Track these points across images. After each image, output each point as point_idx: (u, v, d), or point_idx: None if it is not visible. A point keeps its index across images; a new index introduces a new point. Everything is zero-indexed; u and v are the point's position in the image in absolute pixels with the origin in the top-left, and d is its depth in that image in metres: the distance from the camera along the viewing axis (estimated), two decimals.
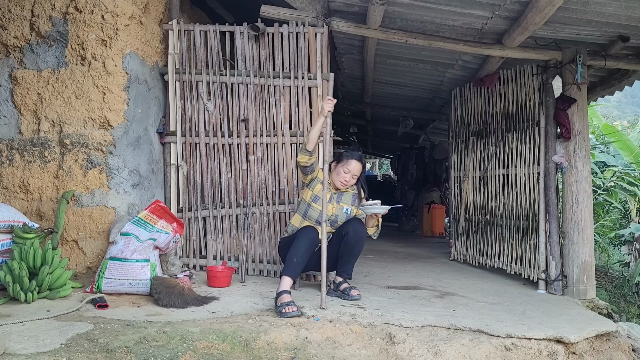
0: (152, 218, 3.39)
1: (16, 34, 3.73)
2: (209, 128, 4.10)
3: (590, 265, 4.05)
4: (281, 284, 3.06)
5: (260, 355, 2.50)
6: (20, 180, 3.70)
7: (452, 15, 3.75)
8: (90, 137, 3.62)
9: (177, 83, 4.10)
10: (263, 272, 4.04)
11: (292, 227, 3.49)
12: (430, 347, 2.64)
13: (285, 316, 2.86)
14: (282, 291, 3.01)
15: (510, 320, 3.02)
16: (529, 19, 3.43)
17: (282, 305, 2.92)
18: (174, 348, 2.37)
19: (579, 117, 4.09)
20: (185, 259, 4.08)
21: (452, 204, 5.70)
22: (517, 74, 4.61)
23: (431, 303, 3.40)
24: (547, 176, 4.17)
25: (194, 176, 4.10)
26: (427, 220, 8.78)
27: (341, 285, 3.40)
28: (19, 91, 3.71)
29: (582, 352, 2.81)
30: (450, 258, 5.59)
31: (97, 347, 2.30)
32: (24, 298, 2.96)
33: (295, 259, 3.13)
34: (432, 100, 6.98)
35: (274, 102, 4.06)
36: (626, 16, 3.45)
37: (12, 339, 2.35)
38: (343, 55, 5.48)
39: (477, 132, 5.21)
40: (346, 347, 2.69)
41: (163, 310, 2.96)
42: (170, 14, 4.14)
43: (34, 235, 3.30)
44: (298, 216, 3.49)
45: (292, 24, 4.03)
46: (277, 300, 2.99)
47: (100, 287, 3.20)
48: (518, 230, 4.51)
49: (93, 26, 3.60)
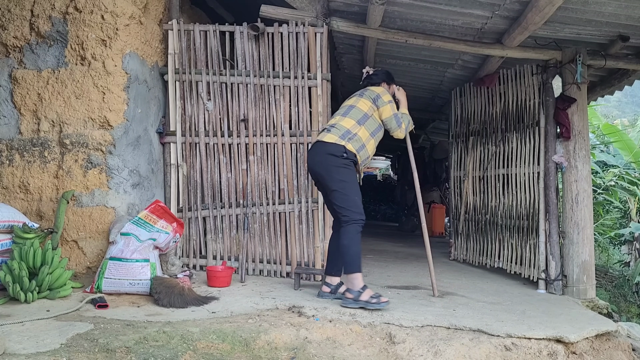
0: (152, 218, 3.39)
1: (16, 34, 3.73)
2: (208, 128, 4.10)
3: (590, 264, 4.05)
4: (360, 279, 3.13)
5: (260, 355, 2.50)
6: (20, 180, 3.70)
7: (452, 15, 3.75)
8: (90, 137, 3.62)
9: (177, 83, 4.10)
10: (263, 272, 4.04)
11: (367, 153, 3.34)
12: (430, 347, 2.64)
13: (383, 305, 3.02)
14: (365, 285, 3.15)
15: (510, 320, 3.02)
16: (529, 19, 3.43)
17: (374, 296, 3.07)
18: (174, 348, 2.37)
19: (578, 117, 4.09)
20: (185, 259, 4.08)
21: (452, 204, 5.70)
22: (517, 73, 4.61)
23: (431, 303, 3.40)
24: (547, 176, 4.17)
25: (194, 176, 4.10)
26: (427, 220, 8.76)
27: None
28: (18, 91, 3.71)
29: (582, 351, 2.81)
30: (450, 258, 5.60)
31: (97, 347, 2.30)
32: (24, 298, 2.96)
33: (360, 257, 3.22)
34: (432, 100, 6.98)
35: (274, 102, 4.06)
36: (626, 16, 3.45)
37: (12, 339, 2.35)
38: (343, 55, 5.48)
39: (477, 132, 5.21)
40: (346, 346, 2.69)
41: (163, 310, 2.96)
42: (170, 13, 4.14)
43: (34, 235, 3.29)
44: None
45: (292, 23, 4.03)
46: (364, 294, 3.07)
47: (100, 287, 3.20)
48: (518, 230, 4.51)
49: (93, 26, 3.60)
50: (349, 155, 3.19)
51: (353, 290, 3.11)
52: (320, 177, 3.24)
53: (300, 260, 3.97)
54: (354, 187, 3.22)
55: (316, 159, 3.24)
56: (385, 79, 3.60)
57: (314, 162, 3.25)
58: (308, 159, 3.35)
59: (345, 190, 3.18)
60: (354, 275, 3.14)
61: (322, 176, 3.23)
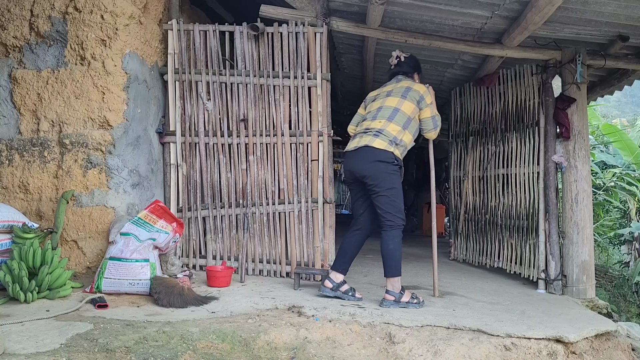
0: (151, 218, 3.39)
1: (15, 34, 3.73)
2: (208, 128, 4.10)
3: (590, 264, 4.05)
4: (399, 282, 3.28)
5: (260, 355, 2.50)
6: (19, 180, 3.70)
7: (451, 14, 3.75)
8: (90, 137, 3.62)
9: (176, 83, 4.10)
10: (263, 272, 4.04)
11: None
12: (430, 347, 2.64)
13: (422, 306, 3.25)
14: (404, 286, 3.33)
15: (510, 320, 3.02)
16: (529, 19, 3.43)
17: (414, 297, 3.28)
18: (174, 348, 2.37)
19: (578, 117, 4.09)
20: (185, 258, 4.08)
21: (451, 204, 5.70)
22: (517, 73, 4.61)
23: (431, 303, 3.40)
24: (546, 176, 4.17)
25: (194, 176, 4.10)
26: (427, 219, 8.78)
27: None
28: (18, 91, 3.71)
29: (582, 351, 2.81)
30: (450, 258, 5.60)
31: (96, 347, 2.30)
32: (24, 298, 2.96)
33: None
34: None
35: (274, 102, 4.06)
36: (625, 16, 3.45)
37: (12, 339, 2.35)
38: (343, 55, 5.48)
39: (477, 132, 5.21)
40: (346, 346, 2.69)
41: (163, 310, 2.96)
42: (170, 13, 4.14)
43: (34, 235, 3.29)
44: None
45: (291, 23, 4.03)
46: (405, 295, 3.25)
47: (99, 287, 3.20)
48: (518, 229, 4.51)
49: (92, 26, 3.60)
50: (398, 162, 3.30)
51: (394, 292, 3.24)
52: (369, 181, 3.28)
53: (300, 260, 3.97)
54: (400, 193, 3.32)
55: (366, 164, 3.27)
56: (417, 70, 3.63)
57: (363, 166, 3.28)
58: (352, 161, 3.36)
59: (393, 196, 3.27)
60: (396, 279, 3.26)
61: (371, 181, 3.27)
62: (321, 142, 3.98)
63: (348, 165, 3.40)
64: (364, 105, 3.61)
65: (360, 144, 3.31)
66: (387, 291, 3.25)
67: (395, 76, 3.58)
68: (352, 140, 3.42)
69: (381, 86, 3.61)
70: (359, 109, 3.66)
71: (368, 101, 3.58)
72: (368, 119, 3.41)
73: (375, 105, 3.45)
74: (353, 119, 3.64)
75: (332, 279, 3.37)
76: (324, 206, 3.96)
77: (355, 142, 3.36)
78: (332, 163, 4.07)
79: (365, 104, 3.60)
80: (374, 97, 3.54)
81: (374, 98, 3.53)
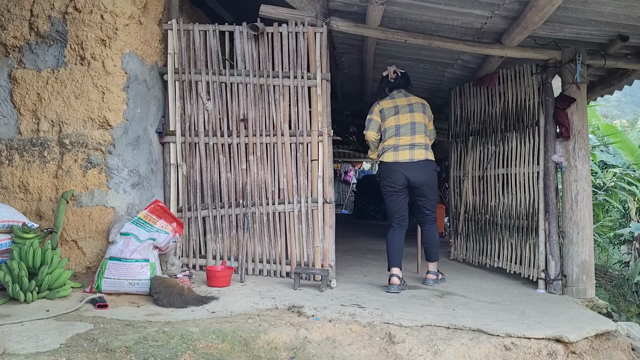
0: (151, 218, 3.39)
1: (15, 34, 3.73)
2: (208, 128, 4.10)
3: (590, 264, 4.05)
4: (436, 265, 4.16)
5: (259, 354, 2.50)
6: (19, 180, 3.70)
7: (451, 14, 3.75)
8: (90, 137, 3.62)
9: (176, 83, 4.10)
10: (262, 271, 4.04)
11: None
12: (430, 347, 2.65)
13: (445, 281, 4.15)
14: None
15: (509, 320, 3.02)
16: (528, 19, 3.43)
17: (443, 276, 4.17)
18: (174, 348, 2.37)
19: (578, 117, 4.09)
20: (185, 258, 4.08)
21: (451, 204, 5.70)
22: (517, 73, 4.61)
23: (431, 302, 3.40)
24: (546, 176, 4.17)
25: (194, 176, 4.10)
26: None
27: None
28: (18, 91, 3.71)
29: (582, 351, 2.81)
30: (449, 257, 5.59)
31: (96, 347, 2.30)
32: (24, 298, 2.96)
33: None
34: (431, 100, 6.93)
35: (274, 102, 4.06)
36: (625, 15, 3.45)
37: (12, 339, 2.35)
38: (342, 55, 5.48)
39: (477, 132, 5.21)
40: (346, 346, 2.69)
41: (163, 310, 2.96)
42: (170, 13, 4.14)
43: (34, 235, 3.29)
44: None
45: (291, 23, 4.03)
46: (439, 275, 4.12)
47: (99, 287, 3.20)
48: (517, 229, 4.51)
49: (92, 26, 3.60)
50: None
51: (435, 272, 4.09)
52: (425, 187, 3.90)
53: (299, 260, 3.97)
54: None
55: (424, 175, 3.86)
56: (410, 84, 4.20)
57: (422, 176, 3.85)
58: (411, 172, 3.82)
59: (435, 198, 4.06)
60: (437, 263, 4.11)
61: (427, 187, 3.91)
62: (321, 142, 3.98)
63: (404, 174, 3.82)
64: (380, 115, 3.96)
65: (416, 157, 3.83)
66: (430, 272, 4.05)
67: (397, 89, 4.06)
68: (398, 152, 3.84)
69: (389, 96, 4.04)
70: (372, 116, 3.99)
71: (386, 113, 3.94)
72: (407, 134, 3.86)
73: (403, 120, 3.89)
74: (371, 125, 3.98)
75: (399, 276, 3.76)
76: (324, 206, 3.95)
77: (407, 155, 3.83)
78: (332, 163, 4.07)
79: (384, 115, 3.95)
80: (392, 109, 3.94)
81: (393, 111, 3.93)
